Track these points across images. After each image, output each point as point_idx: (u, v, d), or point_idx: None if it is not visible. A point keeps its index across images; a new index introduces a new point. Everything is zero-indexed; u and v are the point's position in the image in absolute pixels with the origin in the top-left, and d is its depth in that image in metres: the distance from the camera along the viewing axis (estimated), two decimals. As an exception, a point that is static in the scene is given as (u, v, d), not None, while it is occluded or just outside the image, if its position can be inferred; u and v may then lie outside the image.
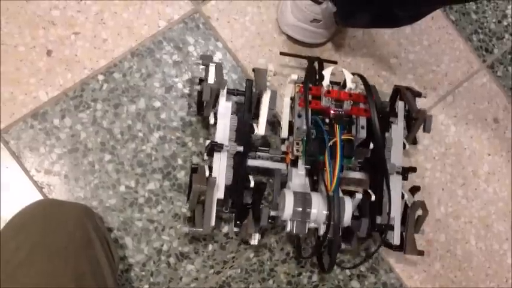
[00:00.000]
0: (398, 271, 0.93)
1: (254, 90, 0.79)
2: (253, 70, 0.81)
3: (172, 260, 0.85)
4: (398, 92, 0.87)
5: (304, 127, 0.75)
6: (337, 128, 0.74)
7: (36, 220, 0.65)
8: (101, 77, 0.88)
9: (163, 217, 0.86)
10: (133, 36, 0.91)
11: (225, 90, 0.79)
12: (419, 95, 0.85)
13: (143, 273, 0.84)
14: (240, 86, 0.92)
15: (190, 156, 0.88)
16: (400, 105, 0.86)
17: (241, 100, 0.82)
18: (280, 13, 0.94)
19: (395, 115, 0.85)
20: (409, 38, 1.02)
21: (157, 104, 0.89)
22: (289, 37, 0.95)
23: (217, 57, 0.93)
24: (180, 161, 0.88)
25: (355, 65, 0.98)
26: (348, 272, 0.90)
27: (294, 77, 0.79)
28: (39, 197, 0.83)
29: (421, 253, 0.84)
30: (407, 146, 0.85)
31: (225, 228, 0.87)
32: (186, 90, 0.90)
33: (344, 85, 0.80)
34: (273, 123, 0.92)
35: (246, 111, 0.80)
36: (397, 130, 0.85)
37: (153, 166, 0.87)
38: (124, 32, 0.91)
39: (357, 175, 0.85)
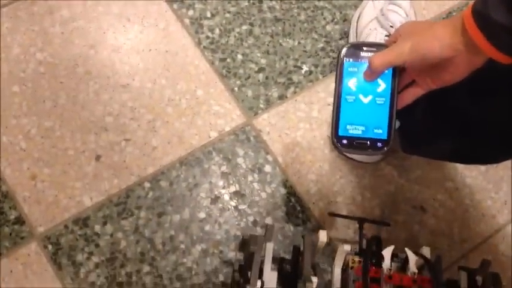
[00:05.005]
0: None
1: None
2: (302, 237, 0.72)
3: None
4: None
5: None
6: None
7: None
8: (147, 185, 0.86)
9: None
10: (183, 145, 0.90)
11: (269, 261, 0.69)
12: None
13: None
14: (289, 203, 0.88)
15: (232, 273, 0.82)
16: (462, 276, 0.73)
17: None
18: (333, 130, 0.93)
19: None
20: (465, 162, 0.98)
21: (202, 215, 0.86)
22: (341, 154, 0.92)
23: (266, 170, 0.90)
24: (221, 278, 0.82)
25: (409, 188, 0.93)
26: None
27: (347, 247, 0.70)
28: (70, 308, 0.77)
29: None
30: None
31: None
32: (233, 203, 0.87)
33: (404, 265, 0.72)
34: None
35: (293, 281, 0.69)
36: None
37: (193, 281, 0.81)
38: (174, 141, 0.90)
39: None
